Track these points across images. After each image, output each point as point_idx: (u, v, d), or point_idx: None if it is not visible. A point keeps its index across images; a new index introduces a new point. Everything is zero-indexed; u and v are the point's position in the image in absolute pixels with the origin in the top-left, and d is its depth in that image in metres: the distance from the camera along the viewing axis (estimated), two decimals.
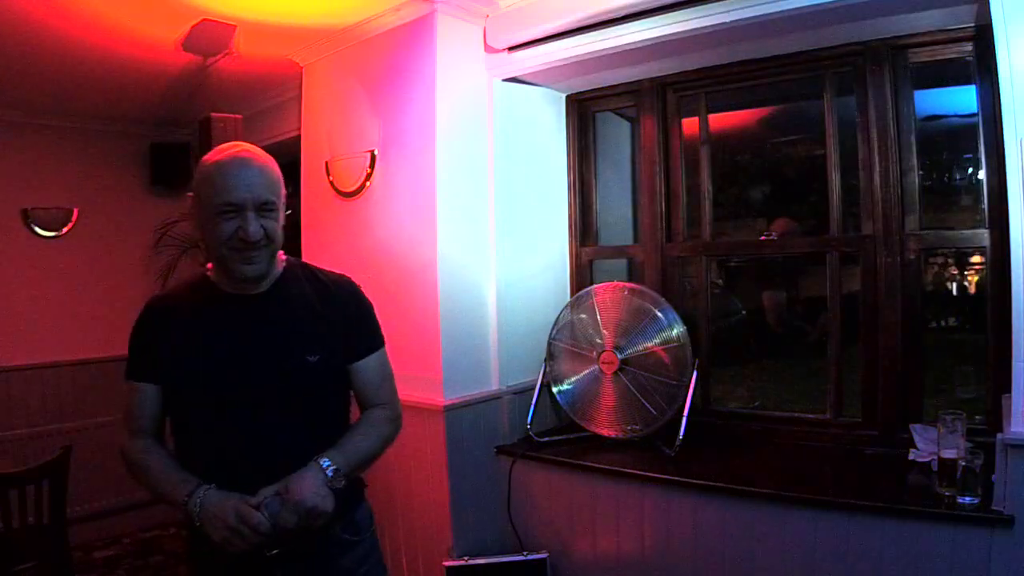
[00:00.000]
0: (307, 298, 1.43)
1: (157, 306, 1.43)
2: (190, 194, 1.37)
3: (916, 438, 2.05)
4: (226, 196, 1.29)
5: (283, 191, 1.39)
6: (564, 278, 2.91)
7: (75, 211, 3.82)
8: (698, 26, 2.12)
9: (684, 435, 2.26)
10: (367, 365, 1.49)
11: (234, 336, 1.36)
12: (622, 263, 2.93)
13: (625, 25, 2.24)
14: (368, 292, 1.55)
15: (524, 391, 2.60)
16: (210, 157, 1.35)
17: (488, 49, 2.57)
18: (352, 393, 1.51)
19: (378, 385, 1.51)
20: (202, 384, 1.33)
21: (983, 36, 1.94)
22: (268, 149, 1.40)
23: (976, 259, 2.52)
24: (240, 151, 1.34)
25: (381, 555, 1.56)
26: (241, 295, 1.39)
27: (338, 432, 1.43)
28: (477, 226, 2.56)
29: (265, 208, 1.32)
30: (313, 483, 1.28)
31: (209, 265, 1.43)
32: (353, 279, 1.54)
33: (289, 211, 4.01)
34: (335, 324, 1.43)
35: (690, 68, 2.53)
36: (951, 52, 2.12)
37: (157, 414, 1.40)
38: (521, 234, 2.70)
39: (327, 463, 1.32)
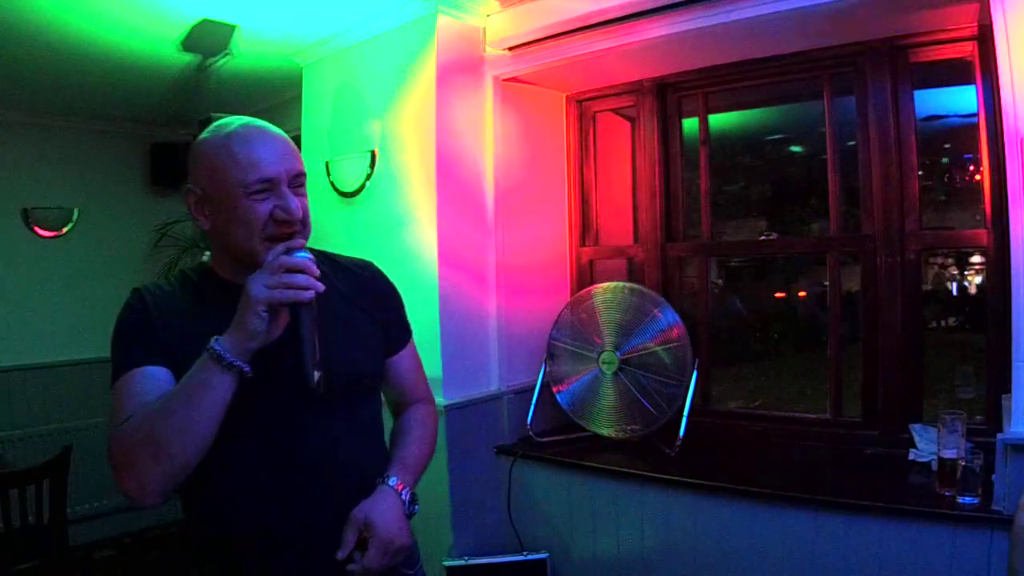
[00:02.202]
0: (337, 288, 1.21)
1: (153, 291, 1.17)
2: (190, 186, 1.14)
3: (916, 438, 2.05)
4: (259, 171, 1.07)
5: None
6: (564, 278, 2.91)
7: (75, 211, 3.82)
8: (698, 26, 2.12)
9: (684, 435, 2.26)
10: (405, 357, 1.33)
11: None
12: (622, 263, 2.93)
13: (625, 25, 2.24)
14: None
15: (524, 391, 2.60)
16: (214, 134, 1.11)
17: (488, 49, 2.57)
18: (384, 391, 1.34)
19: (417, 377, 1.37)
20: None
21: (983, 36, 1.94)
22: None
23: (976, 259, 2.52)
24: (247, 121, 1.14)
25: None
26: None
27: (374, 439, 1.26)
28: (477, 226, 2.56)
29: (298, 181, 1.12)
30: (396, 515, 1.13)
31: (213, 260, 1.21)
32: (374, 264, 1.36)
33: None
34: (373, 315, 1.26)
35: (690, 68, 2.53)
36: (951, 52, 2.12)
37: None
38: (521, 234, 2.70)
39: (403, 488, 1.17)
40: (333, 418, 1.15)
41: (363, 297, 1.26)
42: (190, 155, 1.14)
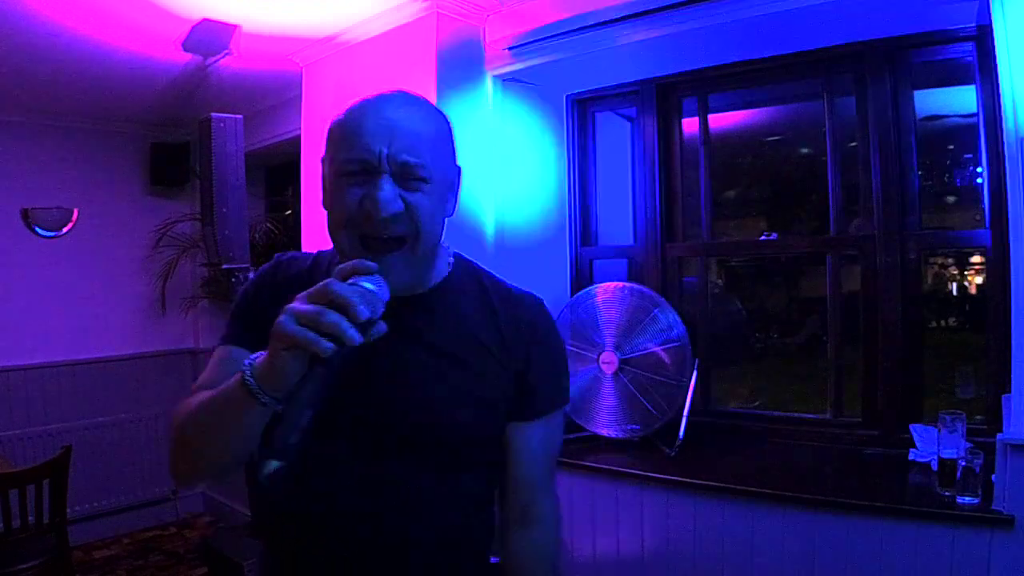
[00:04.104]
0: (473, 320, 1.00)
1: (288, 265, 1.03)
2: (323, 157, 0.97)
3: (916, 438, 2.05)
4: (354, 148, 0.87)
5: (452, 162, 0.99)
6: (564, 278, 2.91)
7: (75, 211, 3.81)
8: (698, 26, 2.12)
9: (684, 435, 2.27)
10: (531, 434, 1.03)
11: (367, 351, 0.85)
12: (622, 263, 2.93)
13: (625, 25, 2.24)
14: None
15: None
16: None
17: (488, 49, 2.57)
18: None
19: (537, 465, 1.05)
20: None
21: (983, 36, 1.94)
22: (268, 149, 1.27)
23: (976, 259, 2.52)
24: (394, 90, 0.94)
25: None
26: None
27: (480, 504, 1.04)
28: (476, 226, 2.56)
29: (410, 175, 0.88)
30: None
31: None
32: (542, 300, 1.10)
33: (288, 211, 4.01)
34: (503, 361, 1.00)
35: (690, 68, 2.53)
36: (951, 52, 2.12)
37: None
38: (521, 234, 2.70)
39: None
40: (386, 468, 0.94)
41: (502, 339, 1.00)
42: None
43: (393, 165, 0.87)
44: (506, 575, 1.04)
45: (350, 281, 0.80)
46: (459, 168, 1.02)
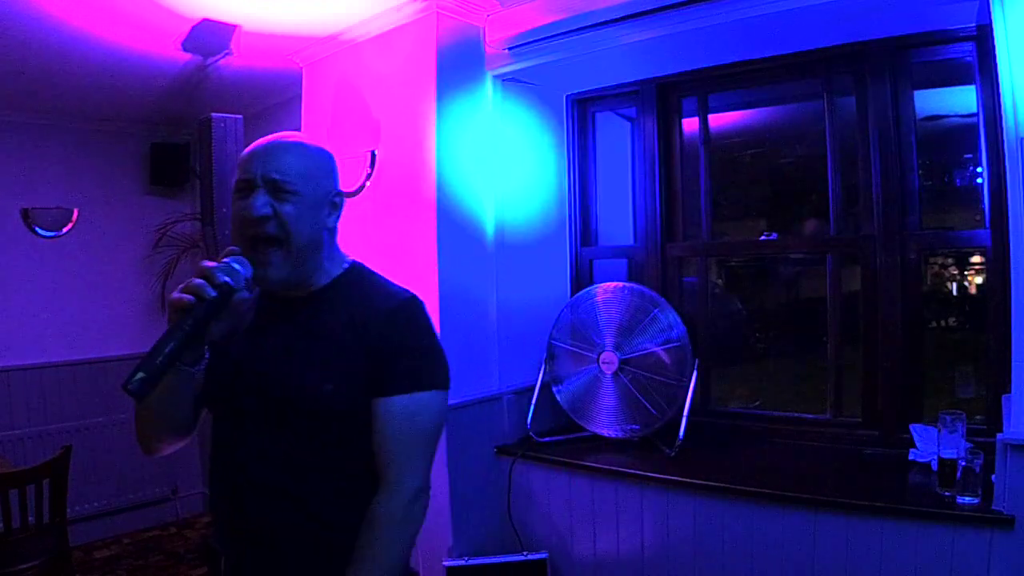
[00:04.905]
0: (347, 312, 1.19)
1: None
2: None
3: (916, 438, 2.05)
4: (239, 169, 1.16)
5: (325, 185, 1.19)
6: (564, 278, 2.91)
7: (75, 211, 3.82)
8: (698, 26, 2.12)
9: (684, 435, 2.27)
10: (385, 410, 1.14)
11: (260, 341, 1.20)
12: (622, 263, 2.93)
13: (625, 25, 2.24)
14: None
15: (524, 391, 2.60)
16: None
17: (488, 49, 2.57)
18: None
19: (390, 437, 1.14)
20: (217, 382, 1.19)
21: (983, 36, 1.94)
22: None
23: (976, 259, 2.52)
24: (280, 134, 1.21)
25: None
26: (283, 296, 1.21)
27: (361, 481, 1.16)
28: (477, 226, 2.56)
29: (279, 188, 1.12)
30: None
31: None
32: (416, 299, 1.24)
33: None
34: (366, 349, 1.16)
35: (690, 68, 2.53)
36: (951, 52, 2.12)
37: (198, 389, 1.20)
38: (521, 234, 2.70)
39: None
40: (276, 440, 1.15)
41: (356, 322, 1.17)
42: None
43: (266, 182, 1.13)
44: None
45: (222, 260, 1.08)
46: (341, 192, 1.24)
